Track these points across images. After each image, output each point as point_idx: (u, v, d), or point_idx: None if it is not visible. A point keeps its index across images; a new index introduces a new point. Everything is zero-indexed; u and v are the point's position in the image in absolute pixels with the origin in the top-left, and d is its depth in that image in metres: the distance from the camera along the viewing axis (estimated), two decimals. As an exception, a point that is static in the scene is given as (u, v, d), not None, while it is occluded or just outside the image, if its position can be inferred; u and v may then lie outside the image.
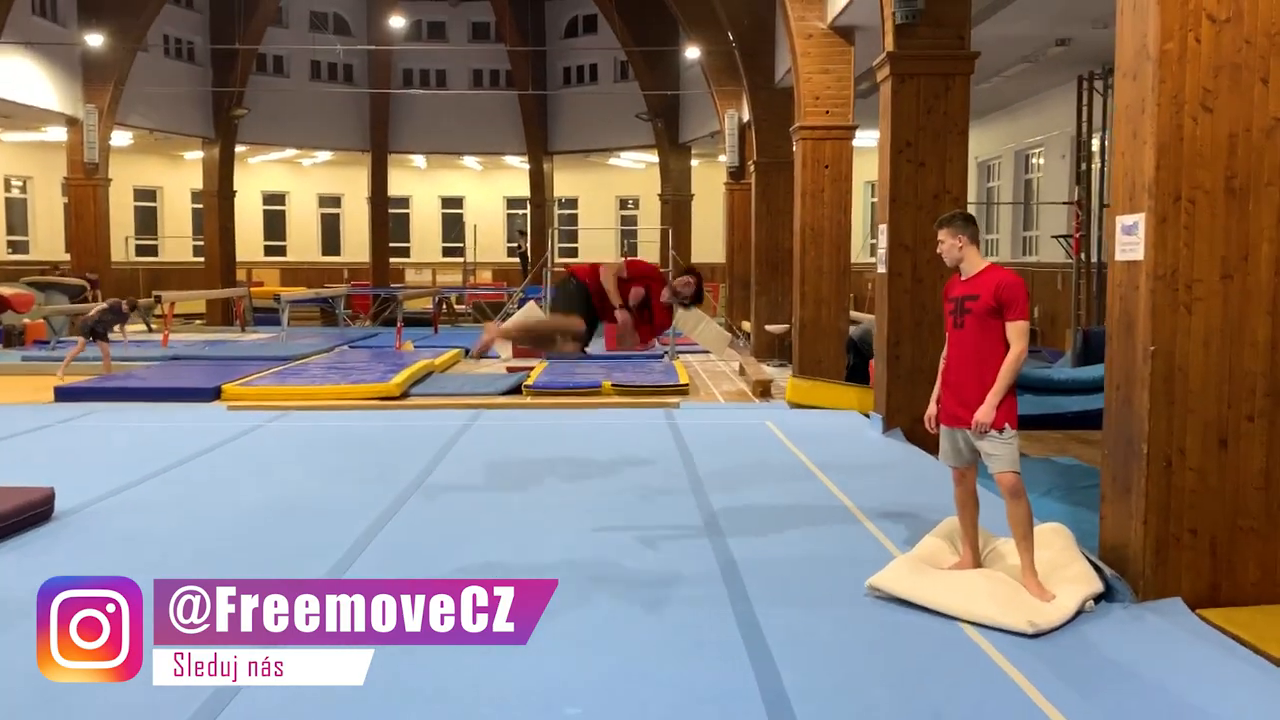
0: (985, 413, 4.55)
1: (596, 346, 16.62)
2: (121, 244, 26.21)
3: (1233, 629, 4.24)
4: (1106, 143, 15.06)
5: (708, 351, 17.07)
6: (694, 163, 26.26)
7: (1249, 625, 4.25)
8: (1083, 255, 14.98)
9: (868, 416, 9.55)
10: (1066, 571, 4.66)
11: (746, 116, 18.59)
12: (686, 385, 12.76)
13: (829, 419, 10.01)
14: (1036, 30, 12.60)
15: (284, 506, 6.52)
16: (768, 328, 16.18)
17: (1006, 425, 4.59)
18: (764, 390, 12.67)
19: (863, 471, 7.58)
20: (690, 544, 5.59)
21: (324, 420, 10.15)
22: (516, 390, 12.80)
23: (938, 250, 4.82)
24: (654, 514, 6.29)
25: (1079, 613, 4.41)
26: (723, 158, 23.59)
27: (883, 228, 8.85)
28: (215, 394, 12.04)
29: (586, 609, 4.52)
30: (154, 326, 21.04)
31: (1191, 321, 4.41)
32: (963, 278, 4.77)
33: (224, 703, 3.54)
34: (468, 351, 17.36)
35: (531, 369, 14.47)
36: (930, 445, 8.87)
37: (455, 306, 26.04)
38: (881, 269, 8.88)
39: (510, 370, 14.75)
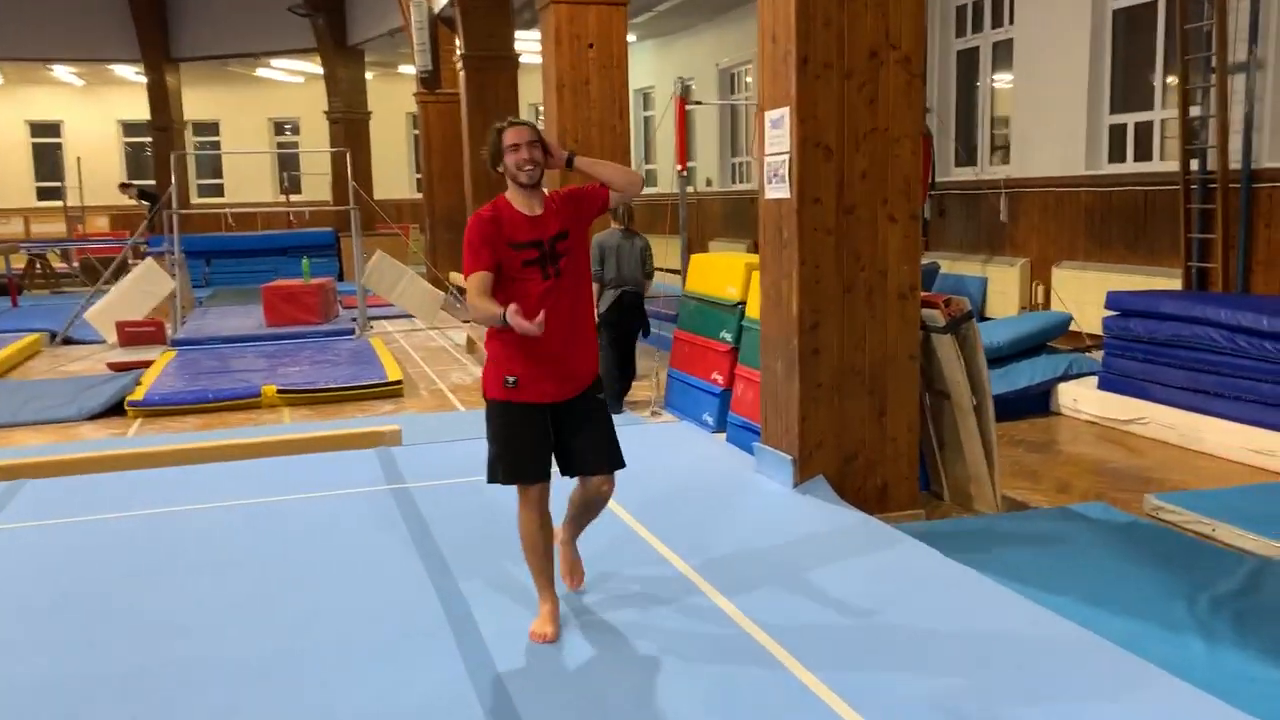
0: None
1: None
2: None
3: None
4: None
5: (412, 318, 12.62)
6: (369, 75, 21.11)
7: None
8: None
9: (751, 454, 5.56)
10: None
11: (440, 4, 14.04)
12: (399, 384, 8.33)
13: (683, 453, 5.94)
14: None
15: None
16: (496, 283, 11.89)
17: None
18: (518, 384, 8.49)
19: (811, 595, 3.68)
20: None
21: None
22: (118, 409, 7.85)
23: None
24: None
25: None
26: (405, 67, 18.73)
27: (777, 116, 4.87)
28: None
29: None
30: None
31: None
32: None
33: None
34: (55, 335, 11.83)
35: (148, 366, 9.41)
36: (872, 503, 5.07)
37: (54, 266, 19.61)
38: (778, 193, 4.91)
39: (115, 369, 9.59)
